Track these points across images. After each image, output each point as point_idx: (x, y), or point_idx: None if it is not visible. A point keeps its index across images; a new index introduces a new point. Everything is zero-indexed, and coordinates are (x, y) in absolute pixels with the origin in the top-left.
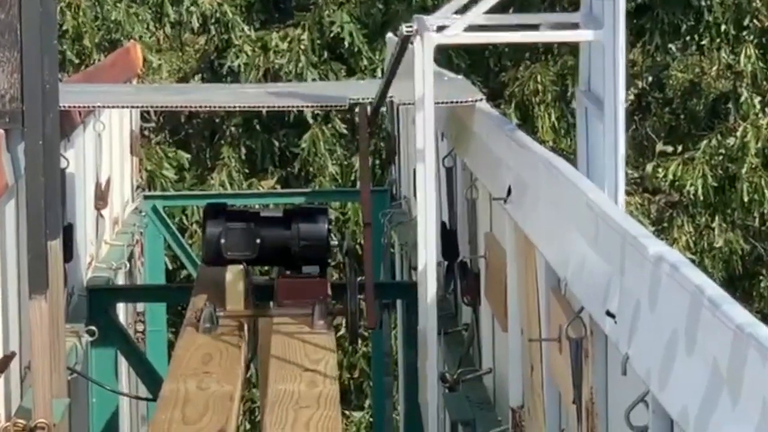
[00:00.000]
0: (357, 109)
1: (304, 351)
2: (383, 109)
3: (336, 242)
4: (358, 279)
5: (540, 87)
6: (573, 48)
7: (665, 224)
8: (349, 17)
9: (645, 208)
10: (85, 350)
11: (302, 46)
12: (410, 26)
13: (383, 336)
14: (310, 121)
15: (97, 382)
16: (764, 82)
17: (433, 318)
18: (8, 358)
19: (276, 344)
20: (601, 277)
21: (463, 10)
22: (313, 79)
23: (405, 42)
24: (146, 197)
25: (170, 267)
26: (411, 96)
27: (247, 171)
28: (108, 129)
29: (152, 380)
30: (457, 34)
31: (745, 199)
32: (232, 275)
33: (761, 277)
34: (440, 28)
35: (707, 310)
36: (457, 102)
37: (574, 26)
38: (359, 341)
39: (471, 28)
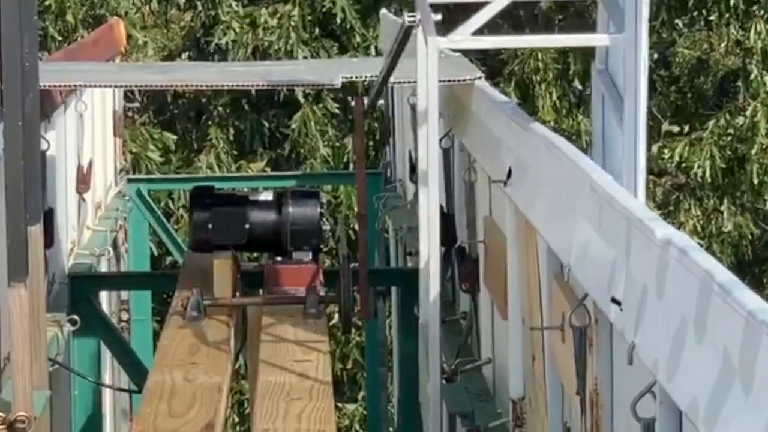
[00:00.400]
0: (353, 103)
1: (295, 341)
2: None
3: (328, 227)
4: (352, 266)
5: (541, 65)
6: (575, 25)
7: (671, 208)
8: None
9: (650, 191)
10: (67, 340)
11: (292, 23)
12: (413, 16)
13: (378, 325)
14: (301, 100)
15: (80, 373)
16: None
17: (435, 313)
18: None
19: (266, 334)
20: (605, 263)
21: None
22: (304, 57)
23: (407, 33)
24: (130, 180)
25: (155, 253)
26: (407, 75)
27: (235, 153)
28: (90, 109)
29: (137, 371)
30: (463, 38)
31: (755, 181)
32: (220, 262)
33: None
34: (445, 29)
35: (717, 297)
36: (454, 81)
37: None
38: (353, 330)
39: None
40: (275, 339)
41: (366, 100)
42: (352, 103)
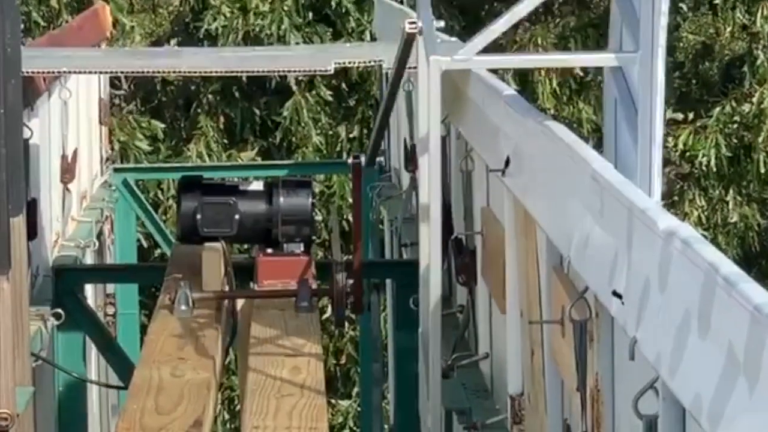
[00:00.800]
0: (350, 162)
1: (286, 335)
2: (371, 66)
3: (321, 218)
4: (345, 257)
5: (540, 50)
6: (575, 8)
7: (675, 198)
8: None
9: None
10: (51, 335)
11: (285, 7)
12: (413, 23)
13: (372, 319)
14: (294, 87)
15: (64, 368)
16: None
17: (437, 308)
18: None
19: (256, 328)
20: (607, 255)
21: None
22: (297, 43)
23: (409, 41)
24: (116, 170)
25: (143, 245)
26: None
27: (225, 141)
28: (75, 96)
29: (123, 367)
30: (468, 58)
31: (762, 170)
32: (209, 254)
33: None
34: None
35: (722, 290)
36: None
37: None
38: (346, 324)
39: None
40: (266, 333)
41: (364, 157)
42: (349, 161)
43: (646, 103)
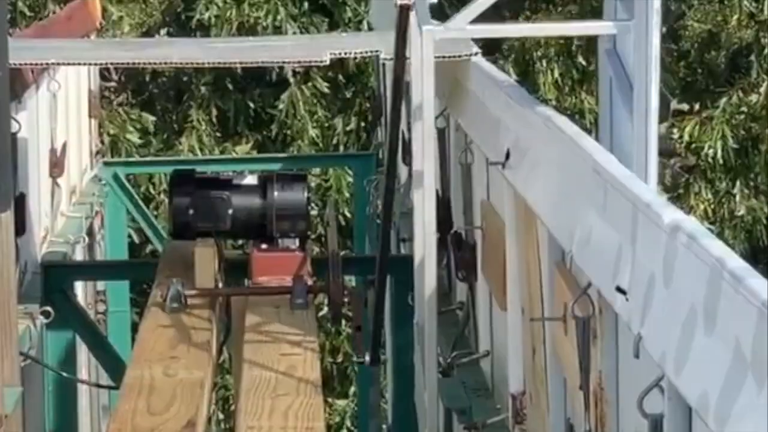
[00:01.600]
0: (351, 299)
1: (281, 333)
2: (368, 57)
3: (316, 212)
4: (342, 253)
5: (541, 40)
6: None
7: (681, 191)
8: None
9: (658, 173)
10: (40, 333)
11: None
12: None
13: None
14: (291, 79)
15: (53, 368)
16: None
17: (432, 304)
18: None
19: (251, 326)
20: (610, 250)
21: None
22: (294, 33)
23: (405, 14)
24: (106, 164)
25: (134, 241)
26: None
27: (218, 135)
28: (64, 89)
29: (114, 366)
30: (462, 28)
31: None
32: (202, 250)
33: None
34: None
35: (729, 285)
36: (449, 56)
37: None
38: (343, 322)
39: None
40: (260, 331)
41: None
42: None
43: (642, 75)
